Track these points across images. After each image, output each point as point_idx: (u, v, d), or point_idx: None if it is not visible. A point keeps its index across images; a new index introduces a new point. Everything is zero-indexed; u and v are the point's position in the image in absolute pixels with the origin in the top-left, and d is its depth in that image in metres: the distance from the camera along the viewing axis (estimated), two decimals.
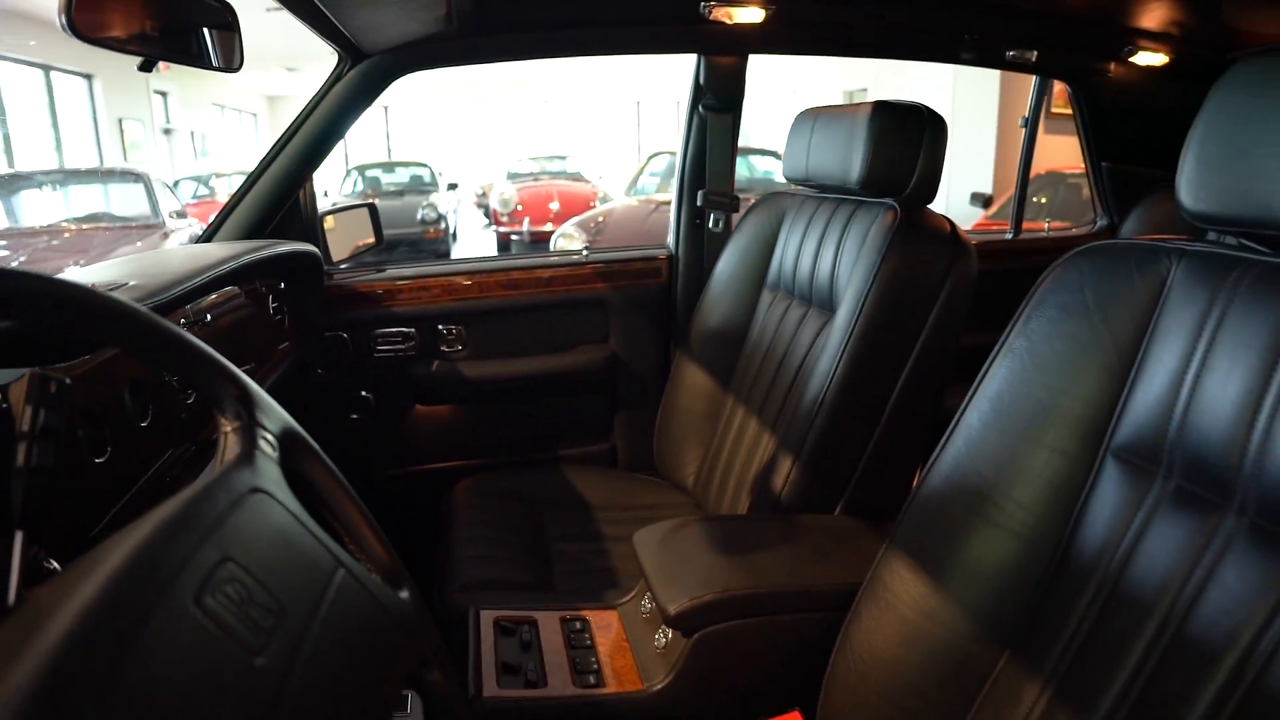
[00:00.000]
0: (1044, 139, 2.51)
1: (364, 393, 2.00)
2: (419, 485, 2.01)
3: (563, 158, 14.47)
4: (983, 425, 0.94)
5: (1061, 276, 0.92)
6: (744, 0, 1.67)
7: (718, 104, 1.94)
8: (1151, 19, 2.06)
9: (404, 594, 0.69)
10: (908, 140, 1.41)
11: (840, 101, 1.71)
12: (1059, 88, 2.48)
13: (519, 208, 10.77)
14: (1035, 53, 2.08)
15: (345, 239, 2.05)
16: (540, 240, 10.08)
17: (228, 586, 0.49)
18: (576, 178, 13.17)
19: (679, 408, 1.89)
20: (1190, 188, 0.79)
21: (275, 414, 0.71)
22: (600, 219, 7.24)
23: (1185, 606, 0.75)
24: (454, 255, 11.10)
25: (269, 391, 1.46)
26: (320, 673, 0.52)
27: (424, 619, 0.69)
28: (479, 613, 1.24)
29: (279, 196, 1.76)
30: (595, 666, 1.13)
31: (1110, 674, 0.80)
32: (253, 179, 1.75)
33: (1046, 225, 2.54)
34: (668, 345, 2.11)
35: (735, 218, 1.96)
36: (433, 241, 10.55)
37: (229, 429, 0.66)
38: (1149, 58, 2.21)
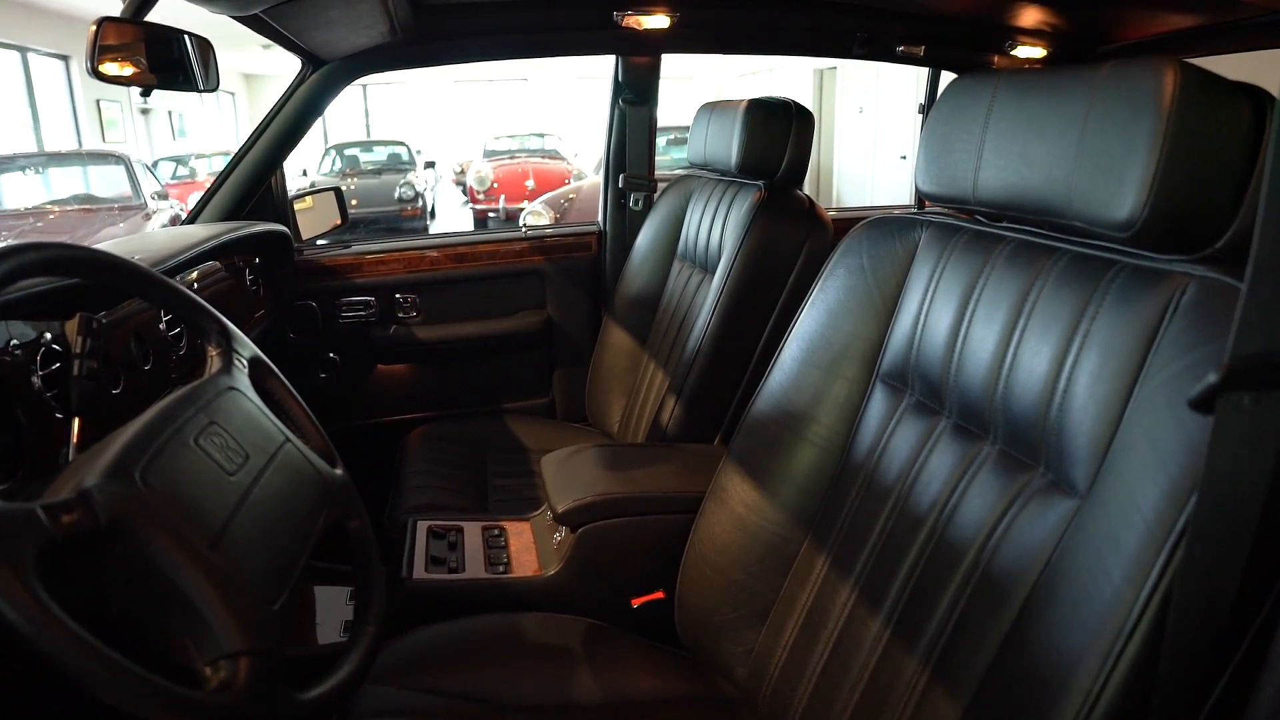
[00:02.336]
0: None
1: (331, 354, 2.27)
2: (380, 434, 2.29)
3: (540, 136, 14.52)
4: (793, 361, 1.23)
5: (849, 244, 1.20)
6: (652, 8, 1.94)
7: (635, 98, 2.21)
8: (1029, 18, 2.33)
9: (337, 470, 0.98)
10: (777, 131, 1.69)
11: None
12: None
13: (495, 185, 10.94)
14: (923, 48, 2.34)
15: (314, 219, 2.31)
16: (516, 217, 10.28)
17: (214, 437, 0.79)
18: (553, 156, 13.27)
19: (605, 364, 2.17)
20: (920, 172, 1.07)
21: (246, 345, 1.00)
22: (569, 196, 7.49)
23: (909, 486, 1.03)
24: (431, 232, 11.26)
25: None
26: (270, 496, 0.81)
27: (350, 487, 0.98)
28: (416, 522, 1.52)
29: (253, 183, 2.02)
30: (505, 560, 1.42)
31: (863, 541, 1.07)
32: (230, 168, 2.01)
33: None
34: (598, 310, 2.39)
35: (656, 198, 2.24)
36: (410, 219, 10.70)
37: (214, 353, 0.95)
38: (1028, 51, 2.47)
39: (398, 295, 2.27)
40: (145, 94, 1.34)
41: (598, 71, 19.39)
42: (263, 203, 2.08)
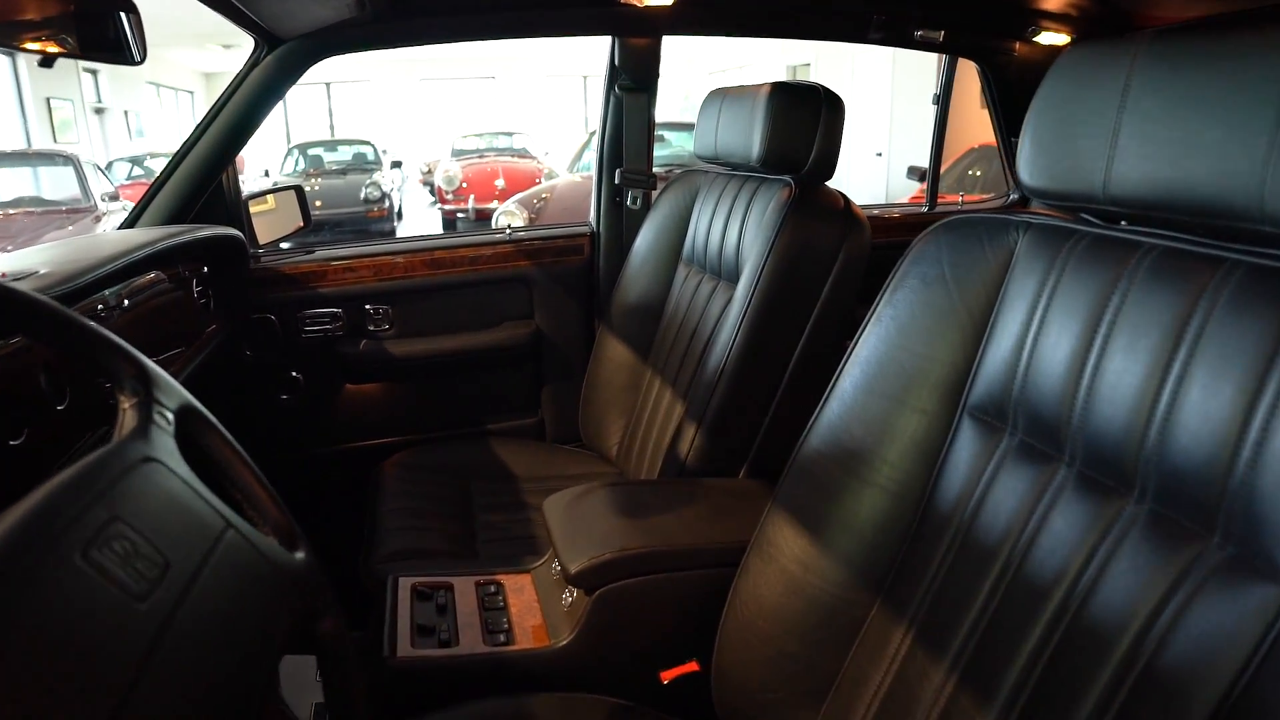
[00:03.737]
0: (981, 113, 2.60)
1: (294, 373, 2.03)
2: (350, 462, 2.05)
3: (509, 134, 14.33)
4: (855, 389, 1.02)
5: (923, 249, 1.00)
6: None
7: (633, 84, 1.99)
8: (1054, 2, 2.15)
9: (299, 554, 0.75)
10: (805, 119, 1.48)
11: (784, 77, 1.78)
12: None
13: (464, 185, 10.70)
14: (942, 33, 2.16)
15: (273, 222, 2.07)
16: (485, 218, 10.05)
17: (115, 543, 0.54)
18: (522, 154, 13.08)
19: (601, 380, 1.95)
20: (1026, 165, 0.87)
21: (173, 391, 0.75)
22: (543, 196, 7.26)
23: (1023, 550, 0.83)
24: (399, 234, 11.02)
25: (198, 372, 1.51)
26: (204, 618, 0.57)
27: (317, 576, 0.75)
28: (397, 579, 1.29)
29: (201, 181, 1.78)
30: (506, 626, 1.20)
31: (960, 614, 0.87)
32: (174, 164, 1.77)
33: (961, 198, 2.63)
34: (591, 320, 2.17)
35: (654, 196, 2.02)
36: (377, 220, 10.46)
37: (127, 405, 0.71)
38: (1052, 37, 2.30)
39: (367, 306, 2.03)
40: (45, 63, 1.09)
41: (567, 69, 19.27)
42: (213, 204, 1.85)
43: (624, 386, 1.92)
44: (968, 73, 2.49)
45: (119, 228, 1.81)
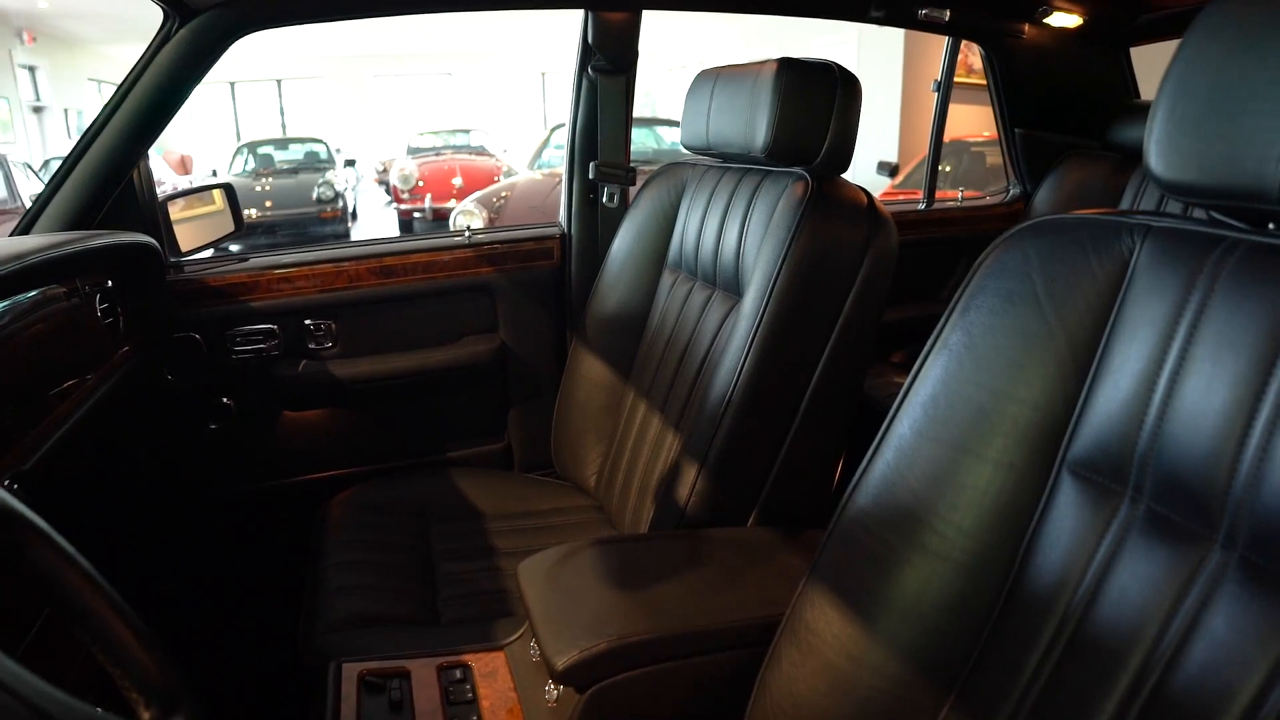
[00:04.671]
0: (952, 109, 2.41)
1: (224, 399, 1.77)
2: (291, 500, 1.80)
3: (466, 131, 14.01)
4: (915, 434, 0.80)
5: (1003, 259, 0.78)
6: None
7: (609, 65, 1.75)
8: None
9: None
10: (818, 102, 1.25)
11: None
12: (961, 56, 2.38)
13: (420, 184, 10.40)
14: (948, 12, 1.95)
15: (198, 227, 1.81)
16: (443, 217, 9.76)
17: None
18: (480, 152, 12.78)
19: (576, 402, 1.72)
20: (1161, 152, 0.65)
21: None
22: (503, 194, 6.99)
23: (1166, 659, 0.62)
24: (354, 236, 10.68)
25: (105, 404, 1.25)
26: None
27: None
28: (341, 667, 1.05)
29: (106, 180, 1.52)
30: None
31: None
32: (72, 161, 1.51)
33: (960, 194, 2.44)
34: (563, 333, 1.93)
35: (632, 192, 1.78)
36: (330, 221, 10.12)
37: None
38: (1063, 19, 2.11)
39: (308, 322, 1.78)
40: None
41: (525, 65, 19.01)
42: (123, 206, 1.58)
43: (602, 408, 1.69)
44: (930, 63, 2.31)
45: (13, 233, 1.54)
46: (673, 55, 16.37)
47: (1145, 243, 0.70)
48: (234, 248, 3.05)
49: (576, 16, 1.76)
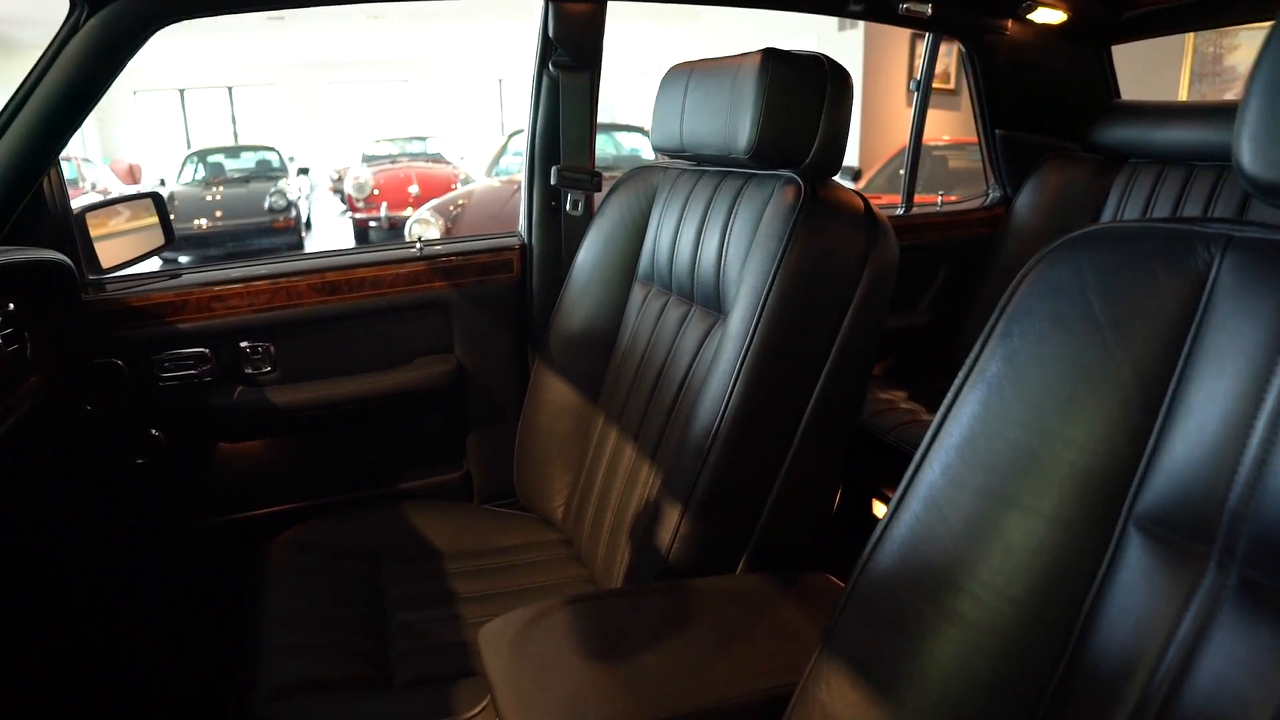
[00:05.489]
0: (907, 113, 2.32)
1: (152, 430, 1.60)
2: (230, 540, 1.64)
3: (422, 139, 13.82)
4: (949, 482, 0.67)
5: (1051, 275, 0.65)
6: None
7: (571, 61, 1.61)
8: None
9: None
10: (807, 98, 1.13)
11: None
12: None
13: (375, 192, 10.16)
14: (930, 7, 1.85)
15: (122, 241, 1.64)
16: (399, 226, 9.56)
17: None
18: (437, 159, 12.59)
19: (540, 427, 1.58)
20: (1258, 149, 0.53)
21: None
22: (460, 202, 6.80)
23: None
24: (308, 246, 10.42)
25: (13, 436, 1.02)
26: None
27: None
28: None
29: (10, 191, 1.36)
30: None
31: None
32: None
33: (940, 198, 2.34)
34: (524, 353, 1.79)
35: (598, 199, 1.64)
36: (283, 231, 9.82)
37: None
38: (1047, 15, 2.02)
39: (243, 344, 1.61)
40: None
41: (481, 72, 18.84)
42: (33, 218, 1.42)
43: (569, 434, 1.55)
44: (893, 66, 2.21)
45: None
46: (630, 62, 16.28)
47: (1226, 256, 0.58)
48: (187, 260, 2.87)
49: (534, 21, 1.63)
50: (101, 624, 1.59)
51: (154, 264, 1.80)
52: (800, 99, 1.13)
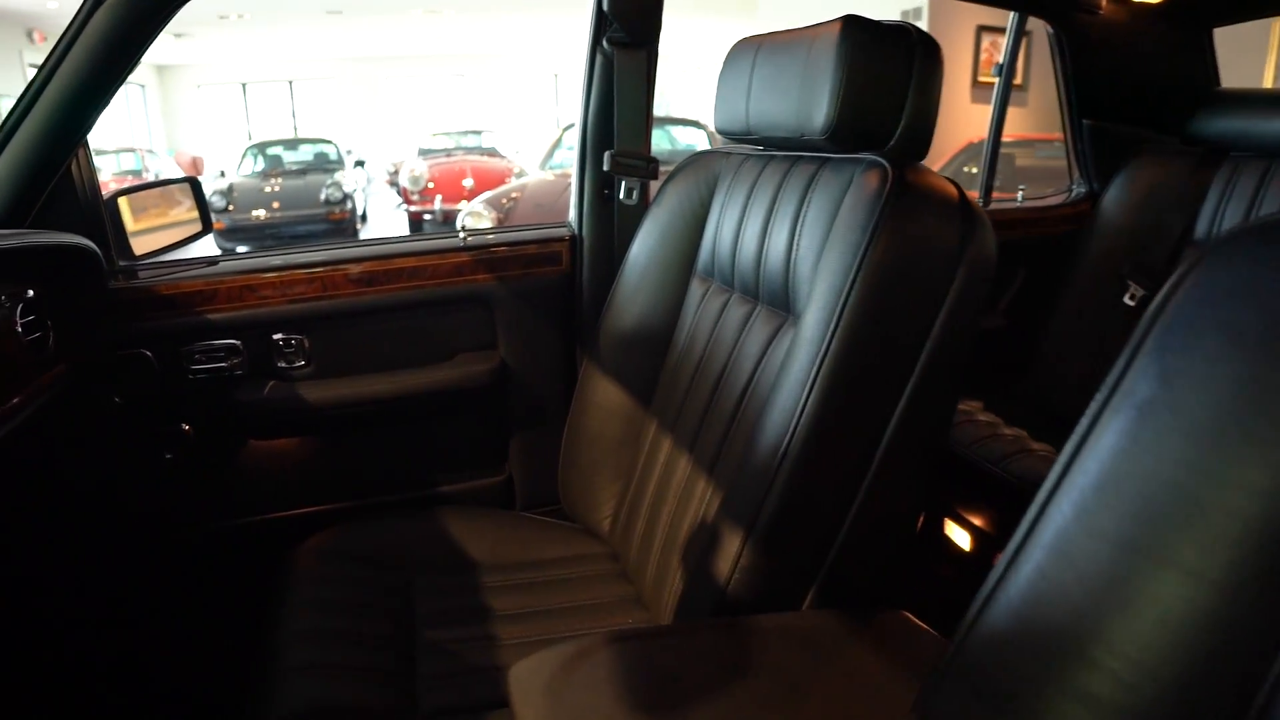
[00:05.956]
0: (970, 109, 2.16)
1: (183, 425, 1.53)
2: (252, 543, 1.56)
3: (477, 133, 13.85)
4: (1082, 528, 0.54)
5: (1220, 277, 0.52)
6: None
7: (627, 37, 1.49)
8: None
9: None
10: (893, 72, 1.00)
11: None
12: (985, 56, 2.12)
13: (430, 185, 10.21)
14: None
15: (155, 227, 1.57)
16: (453, 219, 9.58)
17: None
18: (491, 153, 12.63)
19: (588, 431, 1.47)
20: None
21: None
22: (513, 195, 6.75)
23: None
24: (362, 238, 10.49)
25: (29, 429, 1.10)
26: None
27: None
28: None
29: (36, 173, 1.30)
30: None
31: None
32: None
33: (1020, 194, 2.18)
34: (572, 351, 1.68)
35: (654, 188, 1.52)
36: (338, 223, 9.94)
37: None
38: None
39: (275, 336, 1.53)
40: None
41: (538, 67, 18.90)
42: (61, 202, 1.35)
43: (618, 441, 1.44)
44: (957, 60, 2.05)
45: None
46: (684, 56, 16.16)
47: None
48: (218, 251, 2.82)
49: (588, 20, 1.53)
50: (118, 625, 1.52)
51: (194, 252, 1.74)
52: (885, 72, 1.00)
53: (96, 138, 1.41)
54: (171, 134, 18.47)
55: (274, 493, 1.59)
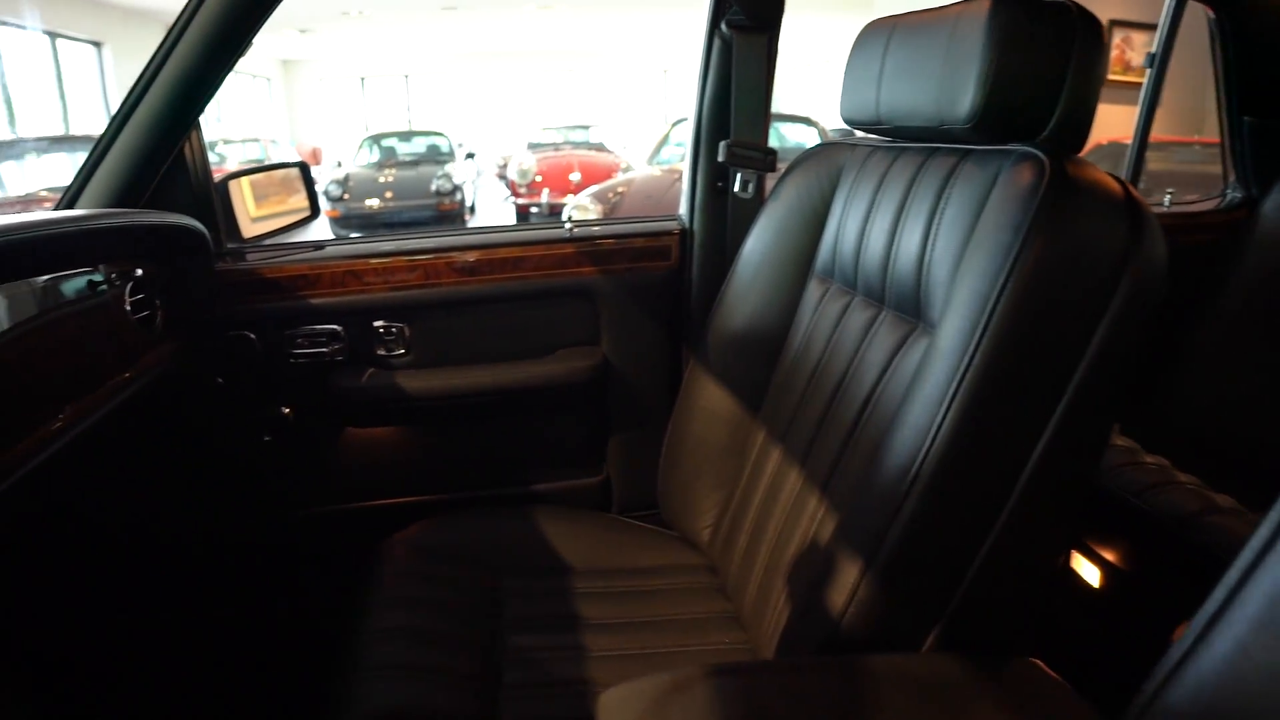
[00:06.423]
0: (1102, 109, 1.98)
1: (283, 408, 1.53)
2: (344, 529, 1.56)
3: (585, 128, 13.96)
4: None
5: None
6: None
7: (747, 20, 1.41)
8: None
9: None
10: (1049, 52, 0.89)
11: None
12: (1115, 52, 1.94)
13: (538, 178, 10.31)
14: None
15: (265, 211, 1.58)
16: (560, 212, 9.66)
17: None
18: (599, 148, 12.71)
19: (691, 436, 1.40)
20: None
21: None
22: (619, 189, 6.72)
23: None
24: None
25: (133, 407, 1.15)
26: None
27: None
28: None
29: (149, 155, 1.31)
30: None
31: None
32: (111, 134, 1.29)
33: (1168, 199, 2.00)
34: (678, 350, 1.61)
35: (771, 180, 1.44)
36: (448, 214, 10.15)
37: None
38: None
39: (376, 324, 1.51)
40: None
41: (647, 63, 18.94)
42: (174, 184, 1.36)
43: (723, 449, 1.36)
44: None
45: (56, 208, 1.34)
46: (797, 54, 15.88)
47: None
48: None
49: (700, 16, 1.45)
50: (208, 603, 1.53)
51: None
52: (1041, 54, 0.89)
53: (225, 128, 1.42)
54: (294, 125, 19.23)
55: (368, 481, 1.58)
